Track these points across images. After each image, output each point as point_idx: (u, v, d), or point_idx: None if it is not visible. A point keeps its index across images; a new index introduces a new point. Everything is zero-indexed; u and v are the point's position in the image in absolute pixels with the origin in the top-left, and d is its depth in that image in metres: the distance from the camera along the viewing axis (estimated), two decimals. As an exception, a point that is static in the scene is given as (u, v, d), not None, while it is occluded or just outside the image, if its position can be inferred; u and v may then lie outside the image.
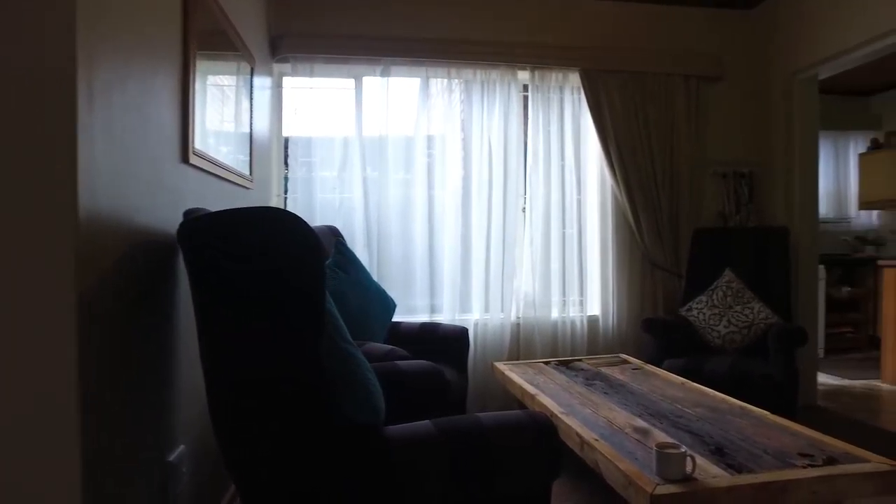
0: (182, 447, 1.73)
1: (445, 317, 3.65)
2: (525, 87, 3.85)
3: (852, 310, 5.95)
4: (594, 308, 3.91)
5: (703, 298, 3.53)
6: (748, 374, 3.01)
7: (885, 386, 4.61)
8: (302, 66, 3.55)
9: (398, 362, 2.18)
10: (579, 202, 3.87)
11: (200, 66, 2.02)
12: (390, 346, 2.58)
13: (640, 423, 2.15)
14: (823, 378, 4.51)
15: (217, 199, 2.23)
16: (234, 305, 1.25)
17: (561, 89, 3.87)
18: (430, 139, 3.73)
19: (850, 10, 3.47)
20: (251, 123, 2.83)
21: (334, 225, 3.41)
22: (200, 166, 1.96)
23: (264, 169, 3.31)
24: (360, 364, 1.38)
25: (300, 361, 1.26)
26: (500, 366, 3.21)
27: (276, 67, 3.59)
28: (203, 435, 1.94)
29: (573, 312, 3.82)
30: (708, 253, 3.71)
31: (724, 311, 3.42)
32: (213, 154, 2.15)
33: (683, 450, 1.63)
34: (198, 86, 1.98)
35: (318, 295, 1.26)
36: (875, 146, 6.32)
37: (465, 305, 3.73)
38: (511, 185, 3.73)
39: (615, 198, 3.87)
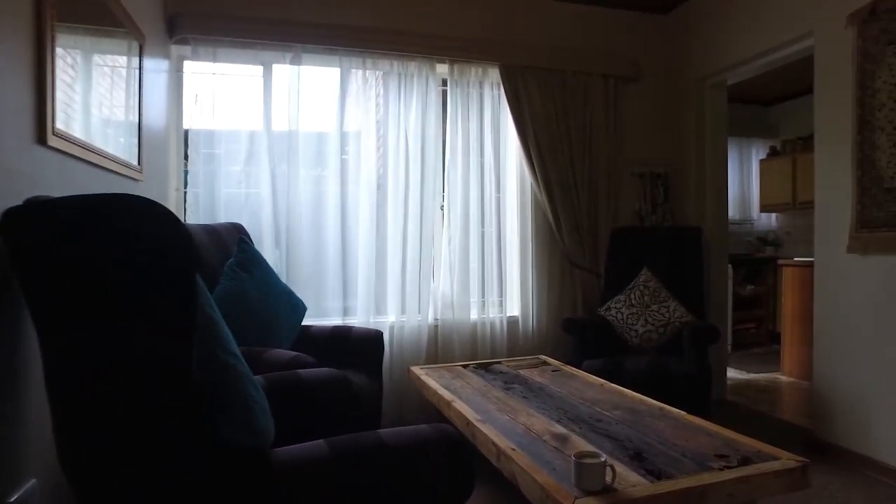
0: (32, 482, 1.46)
1: (360, 319, 3.46)
2: (444, 82, 3.73)
3: (755, 307, 6.26)
4: (514, 309, 3.84)
5: (622, 298, 3.53)
6: (665, 373, 3.02)
7: (784, 378, 4.85)
8: (204, 49, 3.26)
9: (300, 371, 1.98)
10: (499, 200, 3.79)
11: (68, 38, 1.75)
12: (295, 353, 2.37)
13: (559, 428, 2.06)
14: (731, 373, 4.67)
15: (91, 190, 1.94)
16: (81, 308, 1.03)
17: (480, 84, 3.78)
18: (344, 132, 3.53)
19: (754, 21, 3.59)
20: (140, 108, 2.54)
21: (239, 222, 3.15)
22: (64, 150, 1.68)
23: (159, 160, 3.00)
24: (242, 378, 1.19)
25: (166, 376, 1.06)
26: (417, 370, 3.06)
27: (175, 50, 3.28)
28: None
29: (493, 313, 3.73)
30: (625, 252, 3.73)
31: (641, 310, 3.44)
32: (86, 138, 1.87)
33: (603, 459, 1.54)
34: (63, 60, 1.71)
35: (186, 295, 1.06)
36: (773, 153, 6.71)
37: (380, 307, 3.56)
38: (428, 182, 3.60)
39: (535, 196, 3.82)
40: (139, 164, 2.50)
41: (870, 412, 2.84)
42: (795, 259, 5.14)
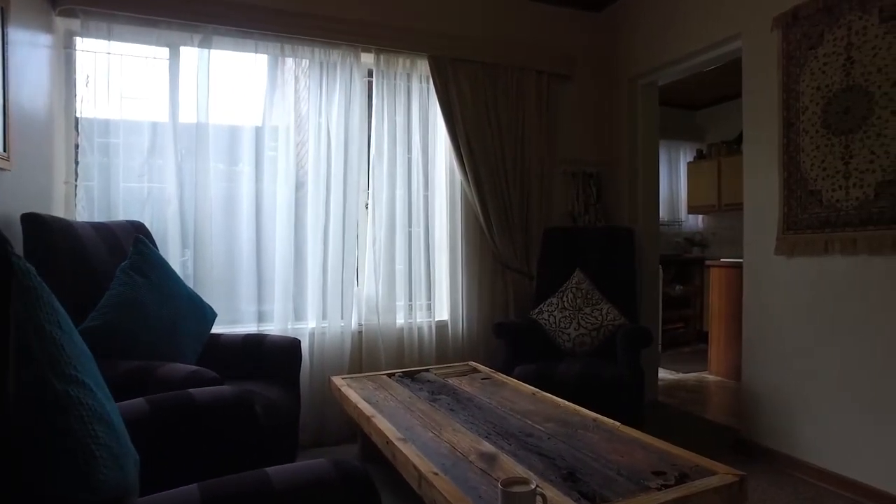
0: None
1: (277, 326, 3.19)
2: (370, 73, 3.51)
3: (683, 306, 6.36)
4: (443, 312, 3.66)
5: (554, 301, 3.42)
6: (598, 378, 2.92)
7: (711, 378, 4.92)
8: (95, 24, 2.88)
9: (193, 391, 1.72)
10: (427, 199, 3.60)
11: None
12: (195, 368, 2.10)
13: (487, 446, 1.89)
14: (661, 373, 4.68)
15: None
16: None
17: (408, 76, 3.57)
18: (259, 125, 3.25)
19: (684, 22, 3.57)
20: (6, 85, 2.18)
21: (141, 220, 2.83)
22: None
23: (38, 147, 2.63)
24: (87, 413, 0.94)
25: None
26: (338, 380, 2.84)
27: (61, 23, 2.90)
28: None
29: (420, 318, 3.53)
30: (558, 253, 3.63)
31: (574, 313, 3.34)
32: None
33: (533, 486, 1.38)
34: None
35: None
36: (699, 156, 6.85)
37: (299, 312, 3.29)
38: (352, 179, 3.36)
39: (465, 195, 3.66)
40: (4, 150, 2.15)
41: (795, 412, 2.84)
42: (722, 260, 5.22)
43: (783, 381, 2.91)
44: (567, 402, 2.38)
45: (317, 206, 3.30)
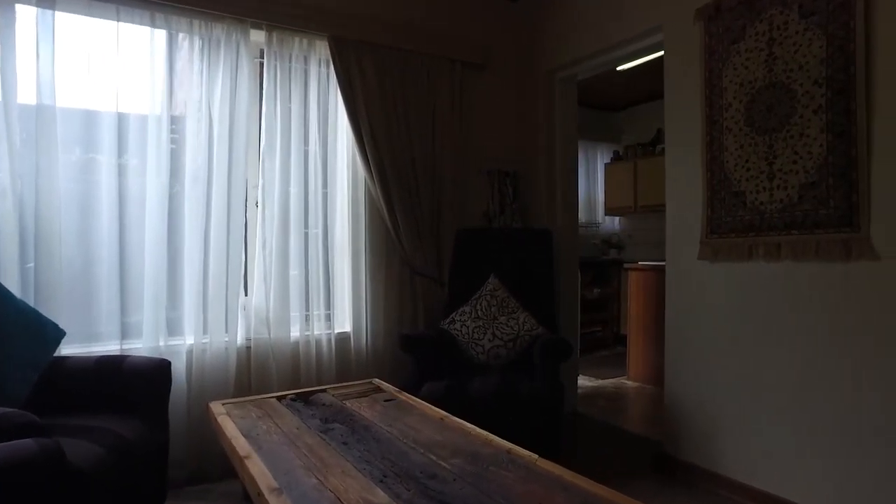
0: None
1: (146, 343, 2.71)
2: (261, 53, 3.08)
3: (601, 309, 6.28)
4: (345, 324, 3.28)
5: (467, 309, 3.13)
6: (515, 395, 2.66)
7: (630, 383, 4.82)
8: None
9: (-26, 450, 1.28)
10: (326, 197, 3.21)
11: None
12: (1, 410, 1.63)
13: (380, 496, 1.55)
14: (580, 380, 4.51)
15: None
16: None
17: (306, 59, 3.17)
18: (124, 109, 2.74)
19: (603, 13, 3.40)
20: None
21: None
22: None
23: None
24: None
25: None
26: (216, 407, 2.40)
27: None
28: None
29: (319, 330, 3.12)
30: (472, 256, 3.34)
31: (488, 322, 3.05)
32: None
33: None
34: None
35: None
36: (616, 157, 6.82)
37: (174, 327, 2.82)
38: (238, 173, 2.91)
39: (369, 193, 3.30)
40: None
41: (718, 426, 2.69)
42: (640, 263, 5.14)
43: (706, 393, 2.75)
44: (478, 430, 2.07)
45: (196, 204, 2.84)
